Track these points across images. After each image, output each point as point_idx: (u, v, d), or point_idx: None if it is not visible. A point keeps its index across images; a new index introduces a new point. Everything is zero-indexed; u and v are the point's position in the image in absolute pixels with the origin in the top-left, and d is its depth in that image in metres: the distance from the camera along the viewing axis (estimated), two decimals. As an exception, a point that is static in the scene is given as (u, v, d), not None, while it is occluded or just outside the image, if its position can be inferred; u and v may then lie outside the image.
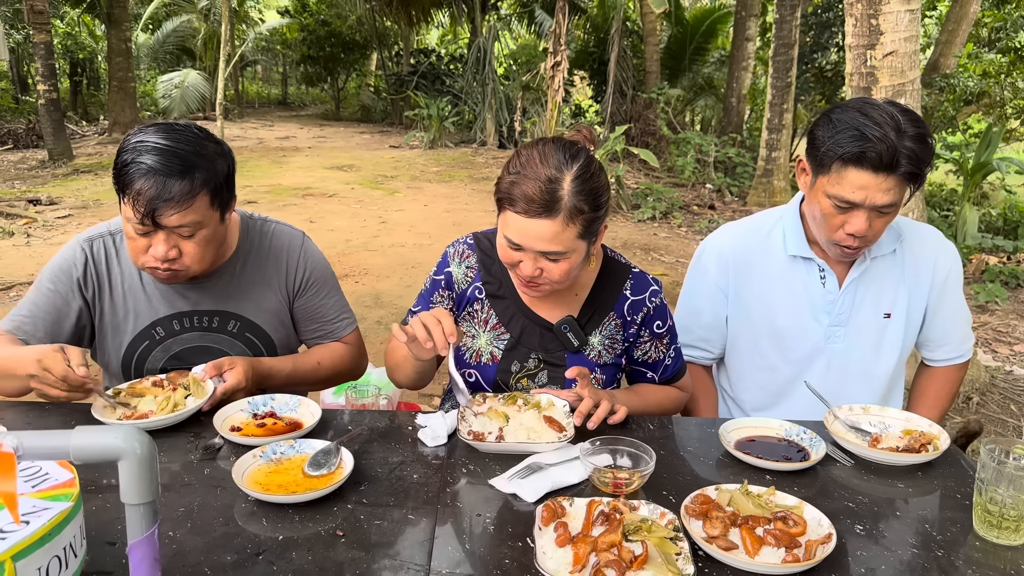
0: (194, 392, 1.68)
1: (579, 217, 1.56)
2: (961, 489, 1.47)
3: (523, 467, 1.46)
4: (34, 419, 1.65)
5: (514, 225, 1.58)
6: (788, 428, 1.64)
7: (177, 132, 1.68)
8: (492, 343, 1.83)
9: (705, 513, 1.27)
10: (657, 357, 1.87)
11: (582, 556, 1.15)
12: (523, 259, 1.62)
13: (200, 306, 1.91)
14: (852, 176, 1.69)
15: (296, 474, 1.40)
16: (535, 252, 1.59)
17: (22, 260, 6.68)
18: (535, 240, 1.57)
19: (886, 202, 1.70)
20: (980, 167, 8.93)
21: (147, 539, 0.91)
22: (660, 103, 13.63)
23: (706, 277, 2.07)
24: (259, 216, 2.03)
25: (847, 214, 1.75)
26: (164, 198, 1.61)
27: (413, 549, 1.22)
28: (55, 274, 1.84)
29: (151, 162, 1.61)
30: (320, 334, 2.05)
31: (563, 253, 1.59)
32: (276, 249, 1.98)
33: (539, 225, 1.55)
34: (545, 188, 1.53)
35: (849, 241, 1.78)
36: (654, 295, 1.83)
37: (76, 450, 0.87)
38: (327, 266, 2.06)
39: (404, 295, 5.95)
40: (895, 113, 1.68)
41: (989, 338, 5.52)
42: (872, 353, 2.00)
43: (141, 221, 1.63)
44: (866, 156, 1.66)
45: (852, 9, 4.02)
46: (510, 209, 1.57)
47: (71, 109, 18.41)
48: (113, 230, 1.90)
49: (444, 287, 1.87)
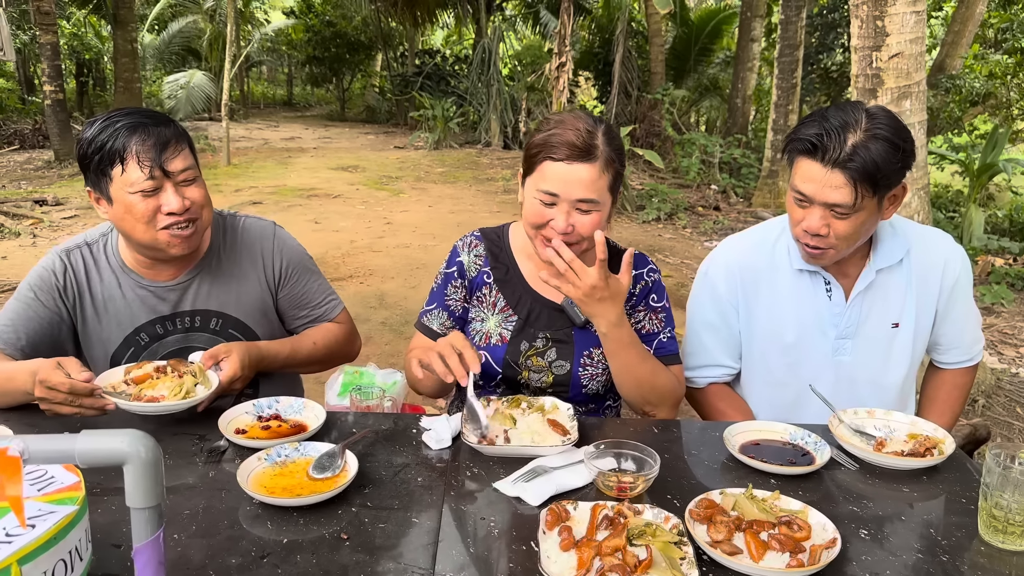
0: (202, 381, 1.69)
1: (611, 168, 1.67)
2: (966, 494, 1.46)
3: (527, 470, 1.46)
4: (38, 422, 1.66)
5: (553, 173, 1.64)
6: (793, 432, 1.64)
7: (129, 107, 1.79)
8: (501, 325, 1.88)
9: (709, 517, 1.26)
10: (652, 329, 1.89)
11: (586, 560, 1.15)
12: (555, 215, 1.66)
13: (180, 307, 1.92)
14: (804, 167, 1.71)
15: (301, 477, 1.40)
16: (570, 202, 1.64)
17: (28, 260, 6.70)
18: (575, 185, 1.63)
19: (836, 201, 1.67)
20: (986, 168, 8.88)
21: (152, 543, 0.91)
22: (665, 104, 13.62)
23: (716, 294, 2.03)
24: (229, 212, 2.04)
25: (805, 211, 1.75)
26: (163, 141, 1.68)
27: (417, 552, 1.22)
28: (35, 284, 1.85)
29: (132, 122, 1.68)
30: (310, 319, 2.07)
31: (596, 203, 1.65)
32: (248, 242, 1.99)
33: (580, 169, 1.63)
34: (585, 135, 1.64)
35: (807, 239, 1.78)
36: (652, 271, 1.90)
37: (81, 454, 0.87)
38: (303, 252, 2.07)
39: (409, 296, 5.95)
40: (867, 114, 1.67)
41: (995, 340, 5.50)
42: (881, 364, 1.97)
43: (151, 174, 1.67)
44: (815, 148, 1.66)
45: (858, 11, 4.01)
46: (549, 159, 1.64)
47: (77, 109, 18.46)
48: (89, 240, 1.91)
49: (457, 276, 1.93)
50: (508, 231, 1.96)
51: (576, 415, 1.66)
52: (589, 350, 1.86)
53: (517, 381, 1.86)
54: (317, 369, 2.17)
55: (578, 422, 1.63)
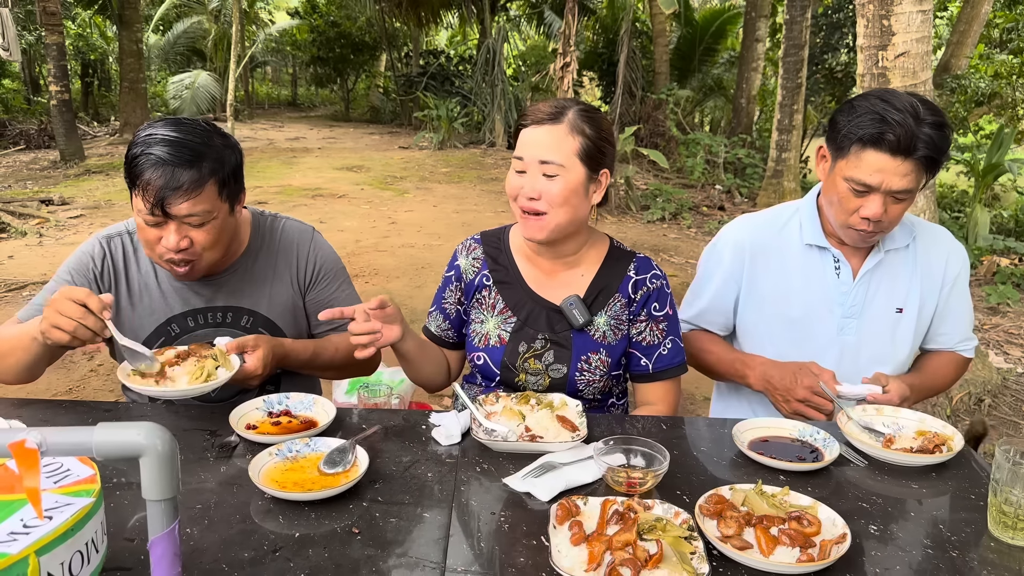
0: (223, 363, 1.70)
1: (580, 136, 1.69)
2: (975, 490, 1.46)
3: (537, 466, 1.46)
4: (50, 416, 1.67)
5: (522, 139, 1.73)
6: (802, 429, 1.64)
7: (185, 125, 1.73)
8: (500, 326, 1.88)
9: (719, 513, 1.27)
10: (652, 341, 1.87)
11: (597, 554, 1.15)
12: (525, 183, 1.71)
13: (214, 302, 1.93)
14: (870, 158, 1.72)
15: (312, 472, 1.41)
16: (535, 165, 1.69)
17: (35, 260, 6.72)
18: (537, 147, 1.69)
19: (902, 187, 1.72)
20: (991, 168, 8.87)
21: (168, 535, 0.92)
22: (669, 104, 13.61)
23: (719, 265, 2.08)
24: (269, 213, 2.06)
25: (863, 198, 1.77)
26: (172, 187, 1.64)
27: (428, 547, 1.22)
28: (73, 267, 1.88)
29: (160, 153, 1.65)
30: (333, 326, 2.06)
31: (561, 167, 1.68)
32: (286, 244, 2.01)
33: (543, 131, 1.69)
34: (557, 105, 1.73)
35: (864, 225, 1.80)
36: (655, 278, 1.88)
37: (99, 446, 0.88)
38: (337, 259, 2.09)
39: (415, 296, 5.96)
40: (915, 101, 1.72)
41: (1001, 340, 5.49)
42: (885, 347, 2.01)
43: (151, 211, 1.66)
44: (884, 138, 1.69)
45: (864, 10, 4.01)
46: (521, 126, 1.73)
47: (82, 110, 18.53)
48: (131, 229, 1.93)
49: (454, 280, 1.95)
50: (508, 233, 1.97)
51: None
52: (587, 355, 1.84)
53: (515, 384, 1.87)
54: (333, 376, 2.18)
55: (587, 418, 1.64)
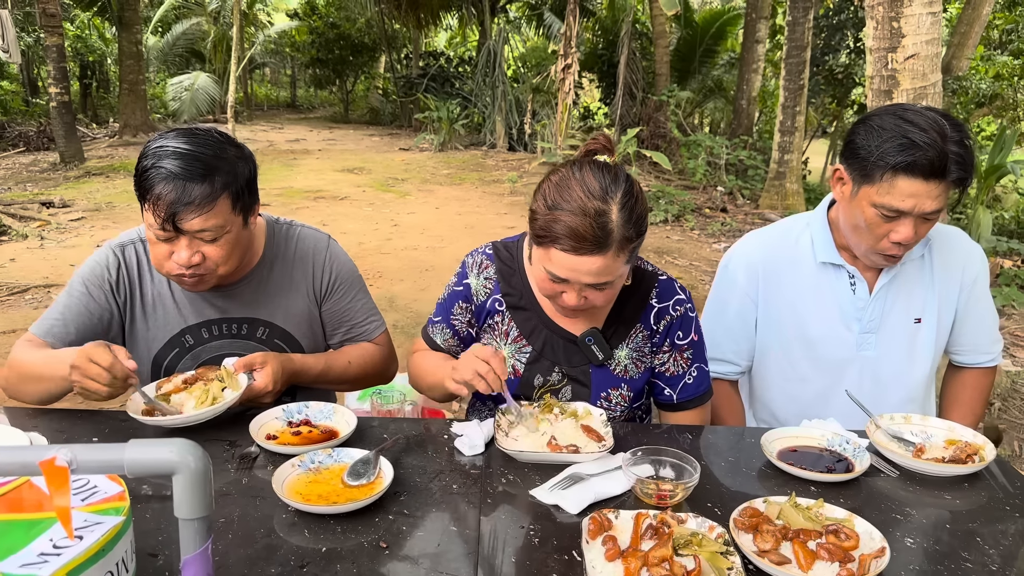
0: (229, 384, 1.67)
1: (628, 246, 1.50)
2: (1011, 500, 1.44)
3: (563, 477, 1.44)
4: (67, 427, 1.64)
5: (560, 262, 1.49)
6: (830, 438, 1.61)
7: (197, 136, 1.67)
8: (514, 355, 1.79)
9: (755, 527, 1.24)
10: (676, 371, 1.80)
11: (633, 571, 1.12)
12: (567, 290, 1.55)
13: (229, 313, 1.90)
14: (903, 185, 1.66)
15: (336, 484, 1.38)
16: (581, 284, 1.53)
17: (36, 263, 6.69)
18: (584, 275, 1.50)
19: (934, 208, 1.68)
20: (993, 170, 8.86)
21: (201, 554, 0.89)
22: (670, 105, 13.59)
23: (734, 288, 2.03)
24: (284, 220, 2.02)
25: (894, 223, 1.72)
26: (184, 202, 1.59)
27: (459, 561, 1.20)
28: (87, 278, 1.83)
29: (171, 166, 1.60)
30: (349, 337, 2.03)
31: (611, 282, 1.55)
32: (302, 253, 1.97)
33: (590, 262, 1.47)
34: (595, 224, 1.44)
35: (895, 250, 1.76)
36: (679, 304, 1.76)
37: (130, 464, 0.85)
38: (353, 268, 2.04)
39: (419, 298, 5.94)
40: (937, 118, 1.66)
41: (1008, 343, 5.47)
42: (905, 359, 1.97)
43: (162, 226, 1.61)
44: (917, 164, 1.63)
45: (873, 12, 3.99)
46: (555, 247, 1.48)
47: (81, 111, 18.47)
48: (144, 236, 1.88)
49: (463, 300, 1.83)
50: (522, 249, 1.81)
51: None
52: (607, 391, 1.77)
53: None
54: (348, 388, 2.13)
55: (611, 428, 1.61)
